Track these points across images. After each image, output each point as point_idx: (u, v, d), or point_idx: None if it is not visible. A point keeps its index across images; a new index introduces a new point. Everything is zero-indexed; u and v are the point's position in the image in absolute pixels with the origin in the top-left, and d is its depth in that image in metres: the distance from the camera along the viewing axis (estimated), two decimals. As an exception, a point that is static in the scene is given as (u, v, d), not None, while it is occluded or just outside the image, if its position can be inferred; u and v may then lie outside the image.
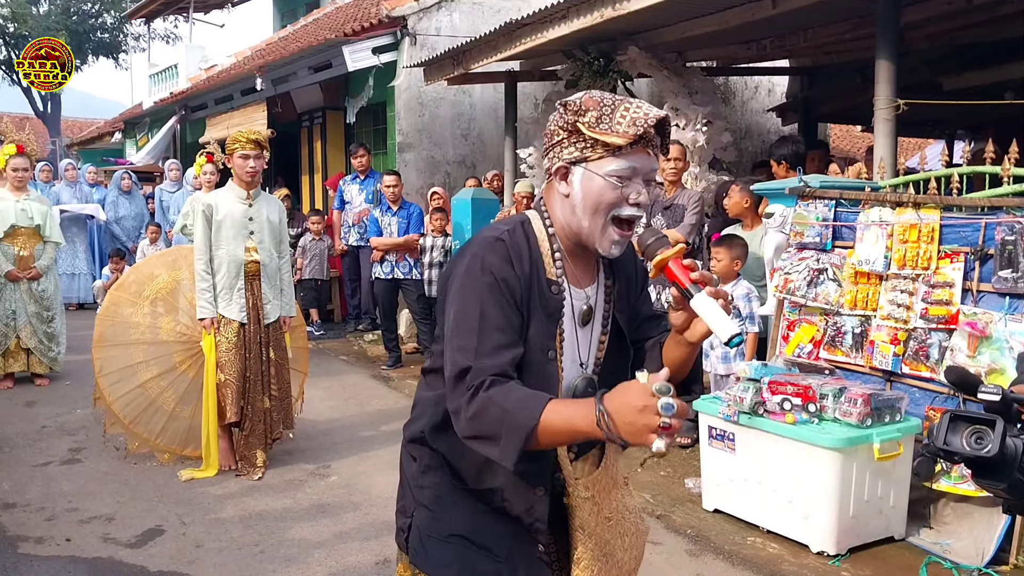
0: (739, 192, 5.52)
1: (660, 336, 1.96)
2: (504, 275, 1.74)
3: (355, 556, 3.99)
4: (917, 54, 7.40)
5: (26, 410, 6.55)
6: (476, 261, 1.75)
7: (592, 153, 1.74)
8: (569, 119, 1.76)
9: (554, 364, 1.81)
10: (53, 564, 3.91)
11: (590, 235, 1.79)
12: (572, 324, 1.86)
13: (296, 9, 18.23)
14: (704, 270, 1.74)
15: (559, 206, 1.83)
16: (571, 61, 7.81)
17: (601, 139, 1.72)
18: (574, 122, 1.75)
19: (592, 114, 1.73)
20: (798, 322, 4.84)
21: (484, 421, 1.64)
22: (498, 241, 1.77)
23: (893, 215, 4.45)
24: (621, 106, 1.74)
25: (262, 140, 5.17)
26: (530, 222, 1.85)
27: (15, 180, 7.12)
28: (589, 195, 1.76)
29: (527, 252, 1.79)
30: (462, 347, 1.70)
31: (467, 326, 1.71)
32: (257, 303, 5.15)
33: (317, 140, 12.99)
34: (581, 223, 1.79)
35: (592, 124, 1.73)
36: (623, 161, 1.73)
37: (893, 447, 4.01)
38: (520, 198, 8.04)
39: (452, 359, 1.71)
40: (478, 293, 1.73)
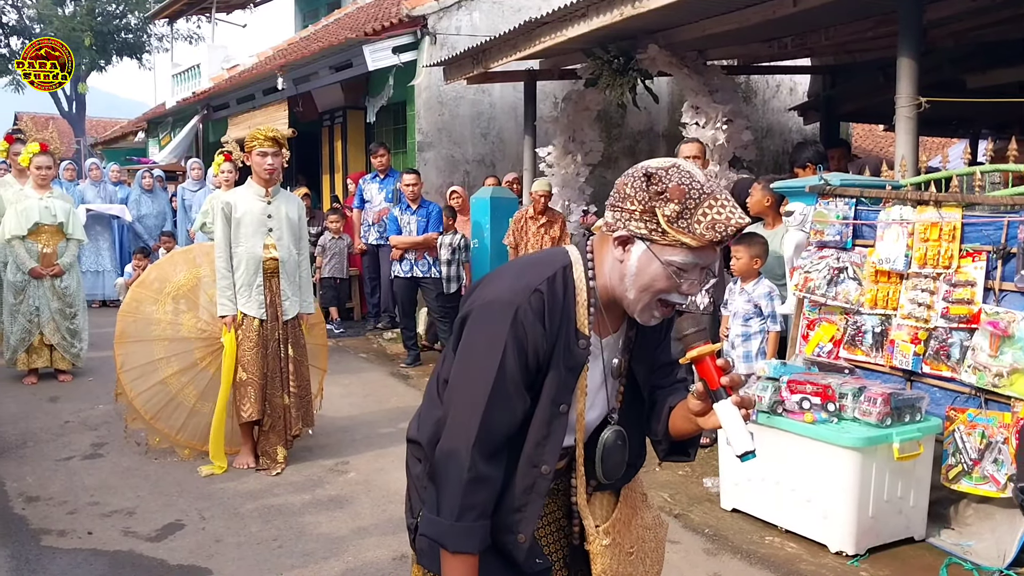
0: (761, 190, 5.49)
1: (672, 390, 1.96)
2: (533, 336, 1.70)
3: (373, 552, 4.01)
4: (941, 52, 7.34)
5: (50, 405, 6.62)
6: (508, 312, 1.69)
7: (660, 238, 1.67)
8: (648, 201, 1.66)
9: (565, 418, 1.78)
10: (75, 556, 3.95)
11: (631, 305, 1.76)
12: (601, 374, 1.84)
13: (317, 9, 18.31)
14: (735, 373, 1.70)
15: (609, 266, 1.76)
16: (591, 60, 7.80)
17: (675, 235, 1.65)
18: (653, 207, 1.66)
19: (674, 207, 1.64)
20: (818, 321, 4.82)
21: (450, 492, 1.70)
22: (536, 293, 1.71)
23: (914, 213, 4.41)
24: (705, 203, 1.64)
25: (280, 138, 5.20)
26: (571, 268, 1.78)
27: (38, 178, 7.19)
28: (643, 274, 1.70)
29: (561, 304, 1.74)
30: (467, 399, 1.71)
31: (479, 380, 1.70)
32: (275, 300, 5.18)
33: (338, 139, 13.05)
34: (627, 293, 1.74)
35: (671, 219, 1.65)
36: (689, 256, 1.67)
37: (913, 447, 3.98)
38: (538, 197, 8.04)
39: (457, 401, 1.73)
40: (499, 350, 1.69)
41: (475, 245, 8.85)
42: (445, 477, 1.71)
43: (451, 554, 1.69)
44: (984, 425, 3.99)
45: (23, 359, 7.22)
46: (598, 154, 9.16)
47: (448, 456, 1.71)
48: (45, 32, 27.80)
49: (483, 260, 8.78)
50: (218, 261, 5.11)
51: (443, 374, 1.84)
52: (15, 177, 7.74)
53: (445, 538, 1.69)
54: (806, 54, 9.13)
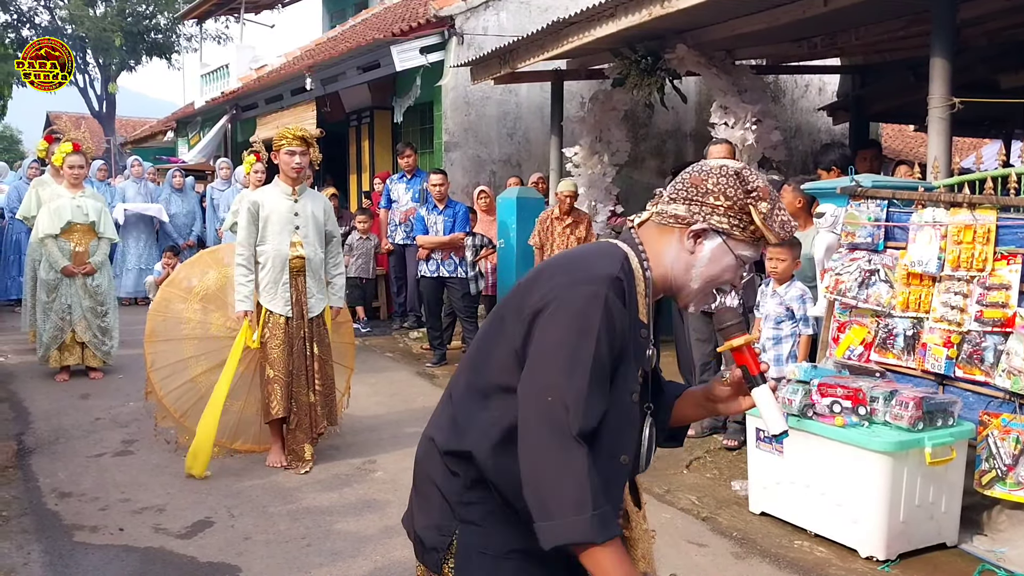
0: (791, 192, 5.44)
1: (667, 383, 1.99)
2: (620, 321, 1.68)
3: (400, 551, 4.02)
4: (974, 51, 7.25)
5: (81, 402, 6.70)
6: (599, 300, 1.65)
7: (740, 233, 1.76)
8: (741, 197, 1.75)
9: (637, 407, 1.78)
10: (107, 552, 4.00)
11: (689, 294, 1.82)
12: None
13: (345, 9, 18.41)
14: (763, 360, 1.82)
15: (672, 256, 1.79)
16: (618, 59, 7.77)
17: (763, 231, 1.76)
18: (746, 203, 1.75)
19: (766, 206, 1.75)
20: (849, 324, 4.77)
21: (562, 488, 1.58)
22: (616, 280, 1.69)
23: (947, 216, 4.36)
24: (777, 204, 1.78)
25: (308, 137, 5.24)
26: (628, 260, 1.77)
27: (71, 177, 7.28)
28: (715, 265, 1.77)
29: (632, 293, 1.74)
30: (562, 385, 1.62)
31: (568, 366, 1.63)
32: (301, 298, 5.20)
33: (365, 139, 13.11)
34: (690, 283, 1.79)
35: (765, 215, 1.75)
36: (754, 251, 1.80)
37: (945, 452, 3.93)
38: (563, 197, 8.02)
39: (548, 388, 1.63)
40: (594, 336, 1.64)
41: (501, 245, 8.84)
42: (558, 473, 1.59)
43: (602, 546, 1.58)
44: (1019, 431, 3.94)
45: (55, 356, 7.31)
46: (625, 154, 9.13)
47: (556, 451, 1.60)
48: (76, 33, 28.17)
49: (509, 260, 8.78)
50: (238, 258, 5.14)
51: (493, 377, 1.75)
52: (52, 176, 7.84)
53: (589, 533, 1.57)
54: (836, 54, 9.05)
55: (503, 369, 1.73)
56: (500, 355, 1.75)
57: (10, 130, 42.93)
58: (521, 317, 1.71)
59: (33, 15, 29.32)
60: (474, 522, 1.75)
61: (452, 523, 1.76)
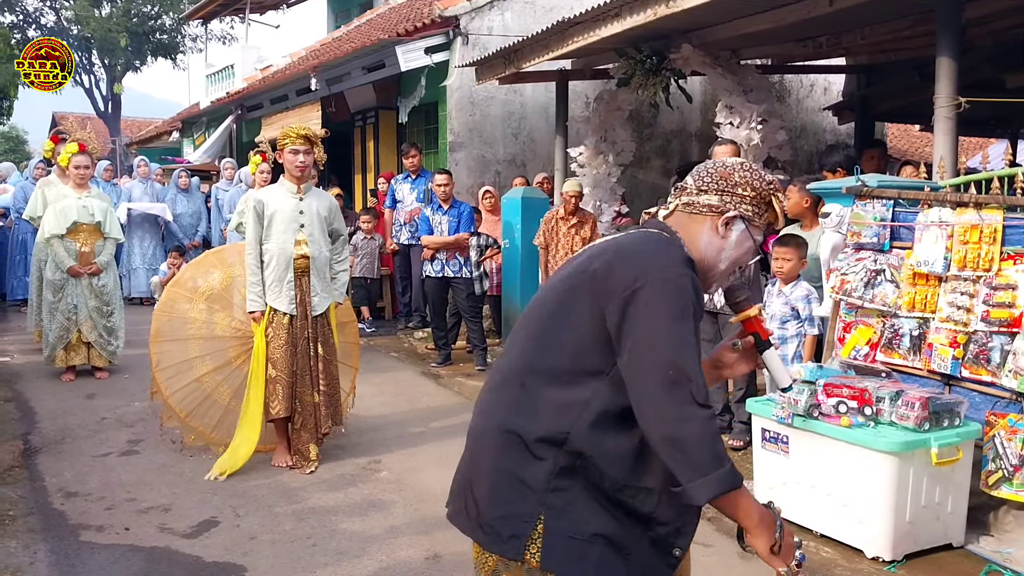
0: (798, 192, 5.43)
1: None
2: (700, 304, 1.86)
3: (405, 551, 4.03)
4: (979, 51, 7.23)
5: (87, 402, 6.72)
6: (689, 281, 1.81)
7: (758, 220, 2.00)
8: (764, 188, 1.99)
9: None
10: (113, 552, 4.01)
11: (715, 276, 2.02)
12: None
13: (350, 10, 18.43)
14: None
15: (705, 242, 1.97)
16: (623, 59, 7.77)
17: (779, 217, 2.02)
18: (768, 193, 1.99)
19: (783, 197, 2.04)
20: (854, 324, 4.76)
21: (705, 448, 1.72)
22: (690, 263, 1.87)
23: (953, 215, 4.35)
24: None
25: (312, 136, 5.26)
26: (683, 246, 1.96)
27: (77, 177, 7.30)
28: (739, 249, 1.99)
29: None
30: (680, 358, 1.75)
31: (680, 341, 1.76)
32: (305, 298, 5.21)
33: (370, 140, 13.12)
34: (719, 266, 2.00)
35: (782, 204, 2.02)
36: (761, 236, 2.05)
37: (952, 452, 3.92)
38: (569, 197, 8.02)
39: (668, 362, 1.74)
40: (688, 313, 1.79)
41: (506, 245, 8.85)
42: (700, 436, 1.72)
43: (739, 491, 1.76)
44: (1025, 431, 3.92)
45: (61, 356, 7.33)
46: (630, 154, 9.13)
47: (692, 418, 1.73)
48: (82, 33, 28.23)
49: (514, 260, 8.78)
50: (248, 257, 5.15)
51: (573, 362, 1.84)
52: (58, 176, 7.85)
53: (728, 482, 1.73)
54: (841, 53, 9.04)
55: (585, 352, 1.84)
56: (578, 339, 1.85)
57: (16, 130, 43.03)
58: (609, 300, 1.80)
59: (39, 16, 29.42)
60: (561, 507, 1.81)
61: (536, 509, 1.82)
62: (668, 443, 1.73)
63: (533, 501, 1.82)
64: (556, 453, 1.81)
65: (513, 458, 1.85)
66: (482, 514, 1.88)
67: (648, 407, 1.75)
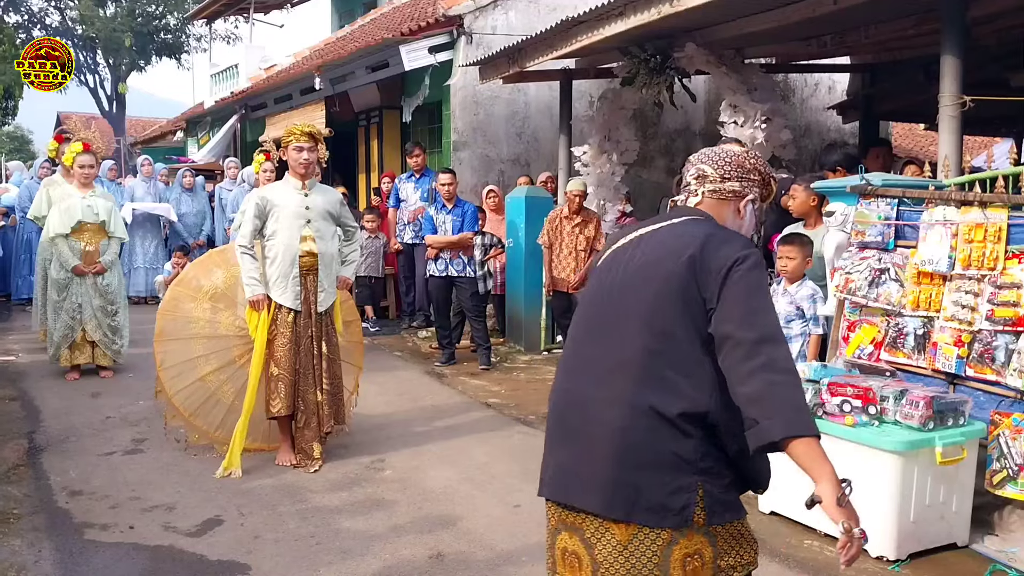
0: (804, 191, 5.41)
1: None
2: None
3: (409, 549, 4.03)
4: (984, 50, 7.19)
5: (91, 401, 6.73)
6: (762, 263, 2.14)
7: (761, 200, 2.36)
8: (767, 172, 2.34)
9: None
10: (117, 550, 4.01)
11: None
12: None
13: (354, 9, 18.43)
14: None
15: (731, 222, 2.29)
16: (627, 58, 7.76)
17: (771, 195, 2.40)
18: (768, 177, 2.35)
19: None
20: (859, 323, 4.76)
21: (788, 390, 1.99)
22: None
23: (958, 214, 4.34)
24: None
25: (316, 133, 5.27)
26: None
27: (81, 177, 7.31)
28: (750, 226, 2.32)
29: None
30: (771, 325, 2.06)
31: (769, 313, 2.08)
32: (309, 297, 5.21)
33: (374, 139, 13.12)
34: None
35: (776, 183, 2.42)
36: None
37: (956, 451, 3.92)
38: (573, 196, 8.02)
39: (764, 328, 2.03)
40: (768, 290, 2.21)
41: (510, 245, 8.85)
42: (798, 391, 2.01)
43: (816, 437, 1.98)
44: (1030, 430, 3.91)
45: (66, 355, 7.35)
46: (634, 153, 9.12)
47: (793, 376, 2.01)
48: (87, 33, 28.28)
49: (518, 260, 8.78)
50: (239, 249, 5.15)
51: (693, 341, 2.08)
52: (63, 176, 7.87)
53: (815, 428, 1.99)
54: (845, 52, 9.02)
55: (700, 329, 2.09)
56: (691, 320, 2.10)
57: (21, 130, 43.13)
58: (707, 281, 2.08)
59: (44, 16, 29.47)
60: (710, 470, 2.09)
61: (693, 478, 2.08)
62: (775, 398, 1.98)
63: (691, 472, 2.08)
64: (698, 426, 2.08)
65: (667, 439, 2.08)
66: (647, 497, 2.08)
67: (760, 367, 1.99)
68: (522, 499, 4.68)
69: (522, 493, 4.77)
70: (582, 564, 2.17)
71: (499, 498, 4.73)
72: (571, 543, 2.19)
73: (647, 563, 2.10)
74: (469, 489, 4.87)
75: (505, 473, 5.13)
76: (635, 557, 2.10)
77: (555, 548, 2.24)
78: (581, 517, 2.16)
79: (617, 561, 2.11)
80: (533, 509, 4.53)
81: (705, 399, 2.07)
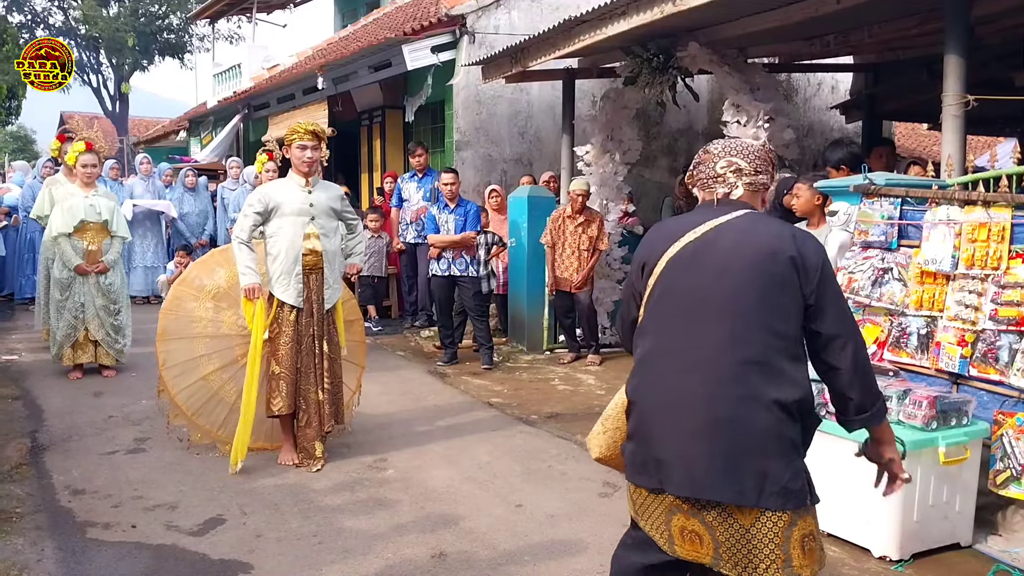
0: (808, 190, 5.39)
1: None
2: None
3: (411, 549, 4.02)
4: (988, 49, 7.18)
5: (94, 400, 6.73)
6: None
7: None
8: (776, 162, 2.65)
9: None
10: (119, 549, 4.01)
11: None
12: None
13: (356, 9, 18.43)
14: None
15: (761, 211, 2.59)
16: (630, 58, 7.75)
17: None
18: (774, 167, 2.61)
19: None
20: (862, 322, 4.74)
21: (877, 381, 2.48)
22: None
23: (961, 214, 4.33)
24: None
25: (319, 132, 5.27)
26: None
27: (84, 176, 7.31)
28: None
29: None
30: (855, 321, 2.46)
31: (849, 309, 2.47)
32: (311, 296, 5.20)
33: (377, 139, 13.13)
34: None
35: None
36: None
37: (960, 451, 3.91)
38: (576, 196, 8.01)
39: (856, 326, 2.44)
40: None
41: (512, 244, 8.84)
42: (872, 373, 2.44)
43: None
44: (1033, 430, 3.90)
45: (68, 354, 7.35)
46: (636, 153, 9.11)
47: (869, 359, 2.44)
48: (90, 33, 28.31)
49: (520, 259, 8.78)
50: (235, 240, 5.16)
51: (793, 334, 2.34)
52: (65, 175, 7.87)
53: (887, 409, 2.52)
54: (848, 52, 9.00)
55: (797, 323, 2.34)
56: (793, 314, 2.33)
57: (24, 130, 43.20)
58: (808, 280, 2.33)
59: (47, 16, 29.51)
60: (805, 452, 2.39)
61: (800, 460, 2.34)
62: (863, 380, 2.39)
63: (796, 454, 2.31)
64: (803, 413, 2.32)
65: (787, 427, 2.28)
66: (773, 482, 2.24)
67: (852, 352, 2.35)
68: (524, 499, 4.68)
69: (524, 493, 4.77)
70: (703, 542, 2.33)
71: (501, 497, 4.72)
72: (690, 524, 2.34)
73: (768, 544, 2.25)
74: (471, 488, 4.87)
75: (507, 472, 5.13)
76: (757, 539, 2.26)
77: (670, 525, 2.38)
78: (702, 503, 2.30)
79: (740, 543, 2.28)
80: (535, 509, 4.53)
81: (808, 385, 2.33)
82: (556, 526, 4.32)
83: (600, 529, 4.18)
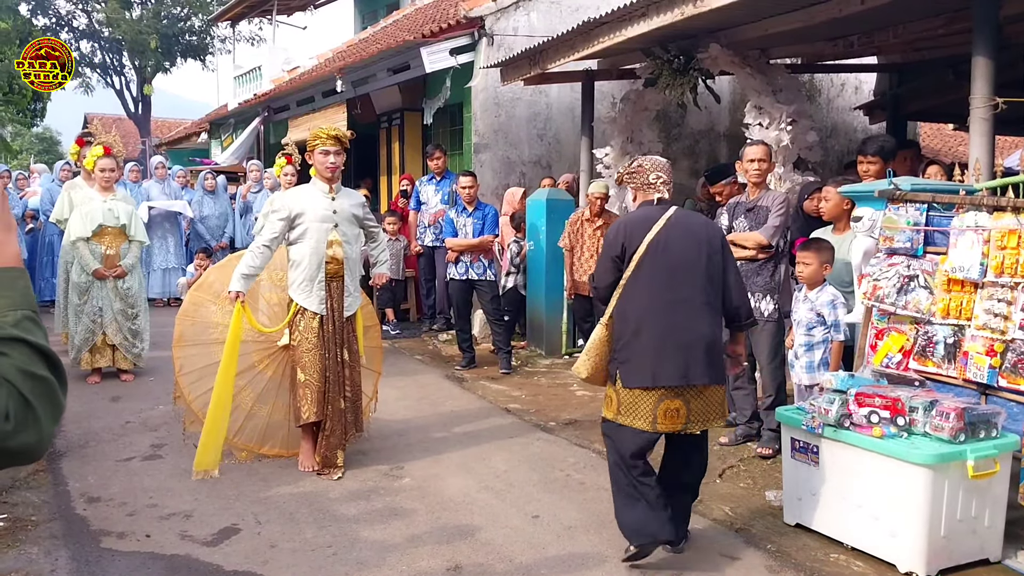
0: (836, 194, 5.29)
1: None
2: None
3: (426, 561, 3.97)
4: (1017, 48, 7.05)
5: (111, 405, 6.73)
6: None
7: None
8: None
9: None
10: (133, 559, 3.98)
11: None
12: None
13: (376, 11, 18.43)
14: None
15: None
16: (650, 59, 7.67)
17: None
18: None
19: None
20: (887, 331, 4.64)
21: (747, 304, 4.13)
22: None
23: (990, 220, 4.22)
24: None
25: (342, 137, 5.25)
26: None
27: (102, 180, 7.32)
28: None
29: None
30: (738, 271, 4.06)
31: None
32: (333, 304, 5.17)
33: (395, 141, 13.09)
34: None
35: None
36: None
37: (989, 464, 3.80)
38: (594, 199, 7.94)
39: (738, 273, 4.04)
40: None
41: (531, 247, 8.78)
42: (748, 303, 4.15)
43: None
44: (1066, 443, 3.79)
45: (86, 359, 7.36)
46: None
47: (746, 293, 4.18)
48: (113, 35, 28.50)
49: (539, 262, 8.71)
50: (256, 245, 5.13)
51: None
52: (84, 179, 7.89)
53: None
54: (872, 52, 8.88)
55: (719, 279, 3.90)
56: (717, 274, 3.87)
57: (50, 131, 43.60)
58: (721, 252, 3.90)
59: (71, 19, 29.70)
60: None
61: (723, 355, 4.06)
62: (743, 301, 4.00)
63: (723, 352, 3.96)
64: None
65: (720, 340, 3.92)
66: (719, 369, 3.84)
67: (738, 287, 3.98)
68: (541, 509, 4.61)
69: (541, 503, 4.70)
70: (680, 414, 3.72)
71: (518, 508, 4.66)
72: (673, 404, 3.71)
73: (717, 404, 3.83)
74: (488, 498, 4.81)
75: (524, 482, 5.06)
76: (711, 402, 3.81)
77: (657, 410, 3.69)
78: (683, 388, 3.71)
79: (704, 407, 3.78)
80: (552, 520, 4.47)
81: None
82: (574, 538, 4.25)
83: (619, 541, 4.10)
